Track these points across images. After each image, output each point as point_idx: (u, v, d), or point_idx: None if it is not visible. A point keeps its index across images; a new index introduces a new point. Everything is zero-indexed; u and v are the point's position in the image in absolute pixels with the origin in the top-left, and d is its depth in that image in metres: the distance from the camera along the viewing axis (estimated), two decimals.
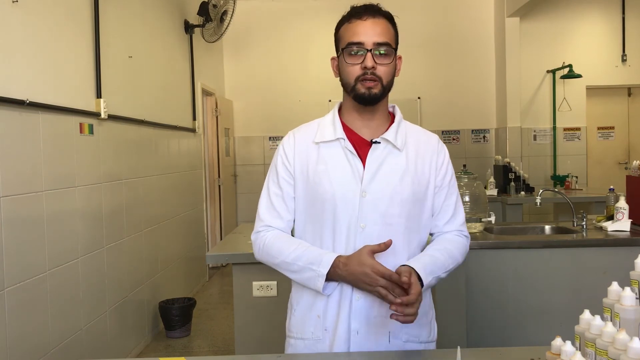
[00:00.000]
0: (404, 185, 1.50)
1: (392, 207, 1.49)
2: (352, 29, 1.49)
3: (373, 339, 1.49)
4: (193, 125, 5.90)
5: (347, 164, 1.51)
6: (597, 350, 1.08)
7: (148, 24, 4.66)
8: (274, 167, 1.59)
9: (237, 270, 2.76)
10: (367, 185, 1.49)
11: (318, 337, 1.52)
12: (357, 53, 1.47)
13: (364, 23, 1.48)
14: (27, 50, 2.82)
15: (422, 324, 1.56)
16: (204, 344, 4.31)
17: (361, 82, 1.47)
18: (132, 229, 4.07)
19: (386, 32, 1.49)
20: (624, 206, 3.14)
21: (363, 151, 1.52)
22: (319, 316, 1.52)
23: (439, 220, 1.59)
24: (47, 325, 2.88)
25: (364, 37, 1.47)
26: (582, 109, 7.46)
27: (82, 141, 3.34)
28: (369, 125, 1.55)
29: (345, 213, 1.49)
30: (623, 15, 7.39)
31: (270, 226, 1.57)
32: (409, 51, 7.41)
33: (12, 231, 2.60)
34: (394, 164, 1.51)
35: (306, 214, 1.55)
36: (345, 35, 1.50)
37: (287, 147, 1.58)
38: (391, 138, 1.52)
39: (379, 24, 1.48)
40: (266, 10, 7.41)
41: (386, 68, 1.48)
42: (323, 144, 1.54)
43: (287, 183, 1.57)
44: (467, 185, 3.29)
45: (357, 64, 1.47)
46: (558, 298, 2.96)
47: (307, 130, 1.60)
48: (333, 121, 1.56)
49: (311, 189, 1.53)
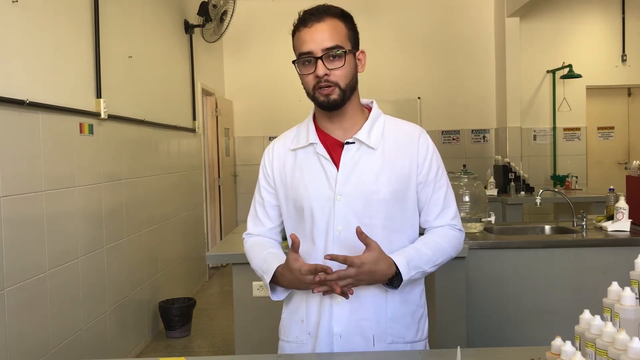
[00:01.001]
0: (380, 184, 1.47)
1: (369, 207, 1.47)
2: (300, 38, 1.46)
3: (357, 342, 1.49)
4: (193, 125, 5.90)
5: (321, 168, 1.50)
6: (597, 350, 1.08)
7: (148, 24, 4.66)
8: (259, 176, 1.64)
9: (237, 270, 2.76)
10: (341, 188, 1.47)
11: (302, 340, 1.54)
12: (309, 62, 1.45)
13: (309, 30, 1.43)
14: (27, 50, 2.82)
15: (408, 324, 1.53)
16: (204, 344, 4.31)
17: (318, 91, 1.45)
18: (132, 229, 4.07)
19: (334, 35, 1.43)
20: (624, 206, 3.14)
21: (337, 153, 1.51)
22: (302, 320, 1.54)
23: (428, 216, 1.56)
24: (47, 325, 2.88)
25: (312, 45, 1.42)
26: (582, 109, 7.46)
27: (82, 141, 3.34)
28: (342, 126, 1.52)
29: (322, 217, 1.49)
30: (623, 15, 7.39)
31: (250, 234, 1.66)
32: (409, 51, 7.46)
33: (12, 231, 2.60)
34: (369, 163, 1.49)
35: (291, 220, 1.58)
36: (296, 45, 1.48)
37: (267, 157, 1.62)
38: (364, 138, 1.49)
39: (325, 28, 1.43)
40: (266, 10, 7.41)
41: (341, 71, 1.43)
42: (299, 150, 1.55)
43: (268, 192, 1.61)
44: (467, 185, 3.29)
45: (310, 73, 1.44)
46: (558, 298, 2.96)
47: (286, 138, 1.62)
48: (307, 126, 1.56)
49: (291, 195, 1.55)
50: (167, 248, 4.88)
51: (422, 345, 1.58)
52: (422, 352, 1.51)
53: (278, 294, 1.53)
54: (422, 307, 1.59)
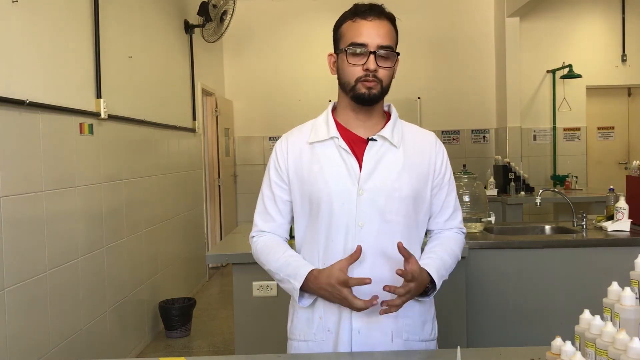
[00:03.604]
0: (402, 181, 1.49)
1: (391, 204, 1.48)
2: (356, 29, 1.46)
3: (375, 338, 1.50)
4: (193, 125, 5.90)
5: (342, 163, 1.50)
6: (597, 350, 1.08)
7: (148, 24, 4.66)
8: (268, 171, 1.61)
9: (237, 270, 2.76)
10: (364, 183, 1.48)
11: (322, 338, 1.53)
12: (359, 54, 1.45)
13: (368, 24, 1.45)
14: (27, 50, 2.81)
15: (424, 322, 1.56)
16: (204, 344, 4.31)
17: (362, 83, 1.46)
18: (132, 229, 4.07)
19: (389, 35, 1.47)
20: (624, 206, 3.14)
21: (359, 149, 1.51)
22: (320, 318, 1.53)
23: (440, 218, 1.60)
24: (47, 325, 2.88)
25: (368, 39, 1.44)
26: (582, 109, 7.46)
27: (82, 141, 3.34)
28: (365, 124, 1.54)
29: (342, 212, 1.48)
30: (623, 15, 7.39)
31: (262, 231, 1.61)
32: (409, 51, 7.43)
33: (12, 231, 2.60)
34: (392, 161, 1.51)
35: (304, 216, 1.55)
36: (348, 34, 1.48)
37: (280, 151, 1.59)
38: (388, 135, 1.51)
39: (383, 26, 1.46)
40: (266, 10, 7.41)
41: (387, 71, 1.47)
42: (317, 144, 1.54)
43: (279, 187, 1.58)
44: (467, 185, 3.29)
45: (359, 64, 1.45)
46: (558, 298, 2.96)
47: (301, 132, 1.60)
48: (327, 121, 1.56)
49: (307, 189, 1.52)
50: (167, 248, 4.88)
51: (434, 345, 1.61)
52: (422, 352, 1.52)
53: (304, 300, 1.51)
54: (433, 307, 1.63)
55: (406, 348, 1.52)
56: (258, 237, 1.61)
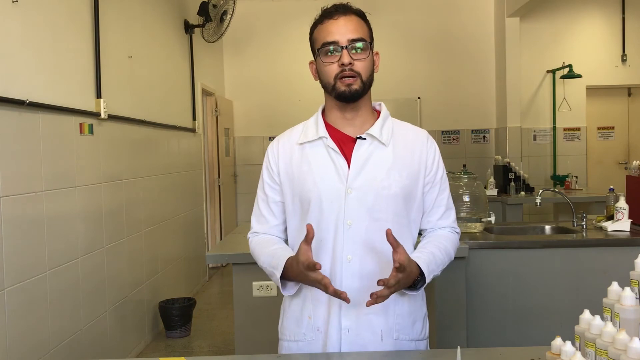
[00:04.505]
0: (391, 179, 1.50)
1: (380, 202, 1.49)
2: (325, 29, 1.49)
3: (365, 337, 1.49)
4: (193, 125, 5.90)
5: (331, 162, 1.51)
6: (597, 350, 1.08)
7: (148, 24, 4.66)
8: (262, 173, 1.64)
9: (237, 270, 2.77)
10: (352, 182, 1.49)
11: (311, 337, 1.53)
12: (333, 52, 1.48)
13: (336, 22, 1.48)
14: (27, 50, 2.81)
15: (414, 321, 1.56)
16: (204, 344, 4.31)
17: (340, 80, 1.47)
18: (132, 229, 4.07)
19: (359, 28, 1.49)
20: (624, 206, 3.15)
21: (348, 148, 1.52)
22: (309, 317, 1.53)
23: (432, 216, 1.60)
24: (47, 325, 2.88)
25: (338, 35, 1.47)
26: (582, 109, 7.46)
27: (82, 141, 3.34)
28: (353, 123, 1.55)
29: (331, 211, 1.49)
30: (623, 15, 7.39)
31: (257, 232, 1.65)
32: (409, 51, 7.46)
33: (12, 231, 2.60)
34: (380, 159, 1.51)
35: (295, 216, 1.57)
36: (320, 36, 1.51)
37: (271, 153, 1.62)
38: (376, 133, 1.52)
39: (351, 21, 1.49)
40: (266, 10, 7.41)
41: (364, 63, 1.48)
42: (307, 144, 1.55)
43: (272, 189, 1.61)
44: (467, 185, 3.29)
45: (334, 62, 1.48)
46: (558, 298, 2.96)
47: (291, 134, 1.62)
48: (316, 121, 1.57)
49: (297, 189, 1.54)
50: (167, 248, 4.88)
51: (424, 344, 1.59)
52: (422, 352, 1.52)
53: (288, 289, 1.53)
54: (424, 306, 1.62)
55: (396, 347, 1.51)
56: (253, 238, 1.66)
